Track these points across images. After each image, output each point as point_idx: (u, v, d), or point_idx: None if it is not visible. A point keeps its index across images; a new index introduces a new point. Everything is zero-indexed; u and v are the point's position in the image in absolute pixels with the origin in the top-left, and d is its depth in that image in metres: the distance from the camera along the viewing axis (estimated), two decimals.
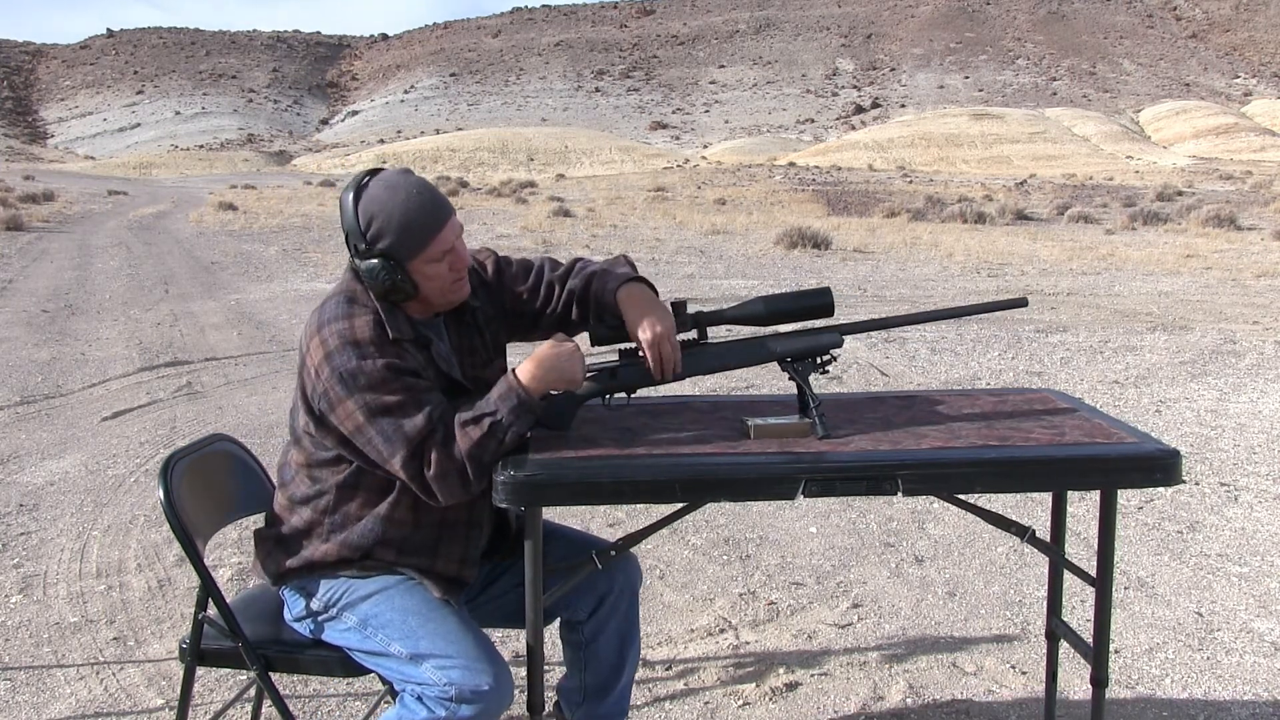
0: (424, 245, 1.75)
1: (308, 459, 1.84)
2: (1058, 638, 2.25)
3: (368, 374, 1.69)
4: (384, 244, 1.74)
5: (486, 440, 1.69)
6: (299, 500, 1.86)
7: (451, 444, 1.68)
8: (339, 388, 1.70)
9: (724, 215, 23.18)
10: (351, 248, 1.78)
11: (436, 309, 1.87)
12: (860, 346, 7.34)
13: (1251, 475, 4.52)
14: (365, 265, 1.76)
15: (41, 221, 20.84)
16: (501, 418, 1.70)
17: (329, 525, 1.84)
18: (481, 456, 1.69)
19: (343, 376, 1.70)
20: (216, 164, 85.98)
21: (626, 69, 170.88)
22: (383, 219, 1.74)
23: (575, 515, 3.82)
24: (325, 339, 1.74)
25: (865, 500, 4.10)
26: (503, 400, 1.72)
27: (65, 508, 4.07)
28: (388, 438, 1.69)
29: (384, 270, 1.74)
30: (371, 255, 1.74)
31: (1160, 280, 11.97)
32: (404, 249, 1.74)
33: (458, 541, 1.87)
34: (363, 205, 1.75)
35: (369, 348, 1.71)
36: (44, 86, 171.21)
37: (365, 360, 1.70)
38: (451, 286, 1.82)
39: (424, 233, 1.75)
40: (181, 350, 7.44)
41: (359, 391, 1.69)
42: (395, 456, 1.69)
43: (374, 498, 1.82)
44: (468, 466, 1.68)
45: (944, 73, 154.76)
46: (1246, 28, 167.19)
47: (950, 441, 1.82)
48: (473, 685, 1.69)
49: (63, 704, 2.59)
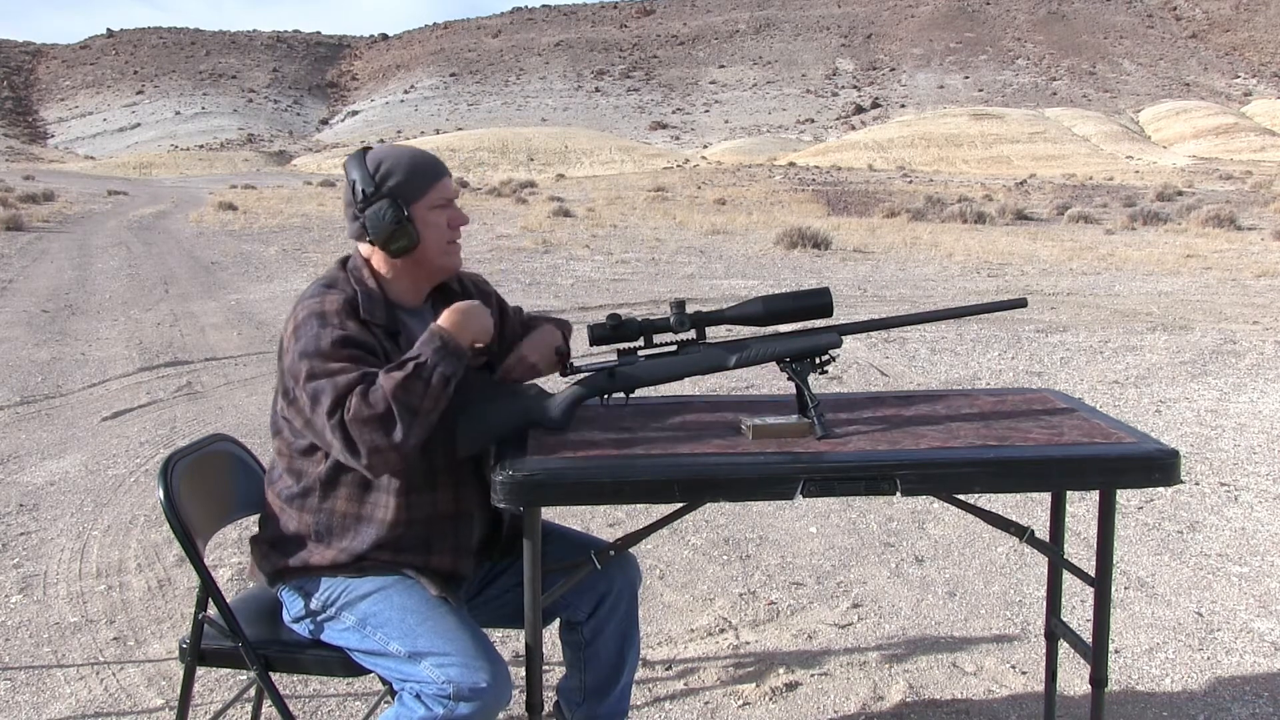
0: (429, 186, 1.83)
1: (288, 448, 1.86)
2: (1057, 638, 2.25)
3: (321, 341, 1.73)
4: (392, 182, 1.80)
5: (411, 381, 1.68)
6: (286, 499, 1.87)
7: (374, 390, 1.68)
8: (296, 357, 1.75)
9: (724, 215, 23.18)
10: (357, 200, 1.82)
11: (430, 277, 1.90)
12: (860, 346, 7.34)
13: (1251, 475, 4.52)
14: (372, 210, 1.80)
15: (41, 221, 20.83)
16: (425, 359, 1.70)
17: (319, 527, 1.84)
18: (409, 400, 1.67)
19: (301, 344, 1.75)
20: (216, 164, 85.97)
21: (626, 69, 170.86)
22: (391, 161, 1.83)
23: (575, 515, 3.82)
24: (297, 314, 1.80)
25: (865, 500, 4.10)
26: (425, 344, 1.74)
27: (65, 508, 4.07)
28: (321, 391, 1.70)
29: (391, 210, 1.79)
30: (379, 197, 1.80)
31: (1160, 280, 11.97)
32: (412, 188, 1.81)
33: (448, 533, 1.87)
34: (370, 156, 1.85)
35: (332, 318, 1.76)
36: (44, 86, 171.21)
37: (325, 329, 1.74)
38: (448, 247, 1.88)
39: (430, 174, 1.84)
40: (181, 350, 7.44)
41: (308, 359, 1.72)
42: (321, 408, 1.69)
43: (358, 492, 1.82)
44: (393, 408, 1.66)
45: (944, 73, 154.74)
46: (1246, 28, 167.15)
47: (949, 441, 1.82)
48: (470, 683, 1.70)
49: (63, 704, 2.59)
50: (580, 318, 8.59)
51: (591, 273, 12.30)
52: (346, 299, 1.79)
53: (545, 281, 11.38)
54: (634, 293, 10.46)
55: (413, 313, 1.90)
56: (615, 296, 10.15)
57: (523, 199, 30.06)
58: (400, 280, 1.87)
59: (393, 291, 1.88)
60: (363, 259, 1.89)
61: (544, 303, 9.63)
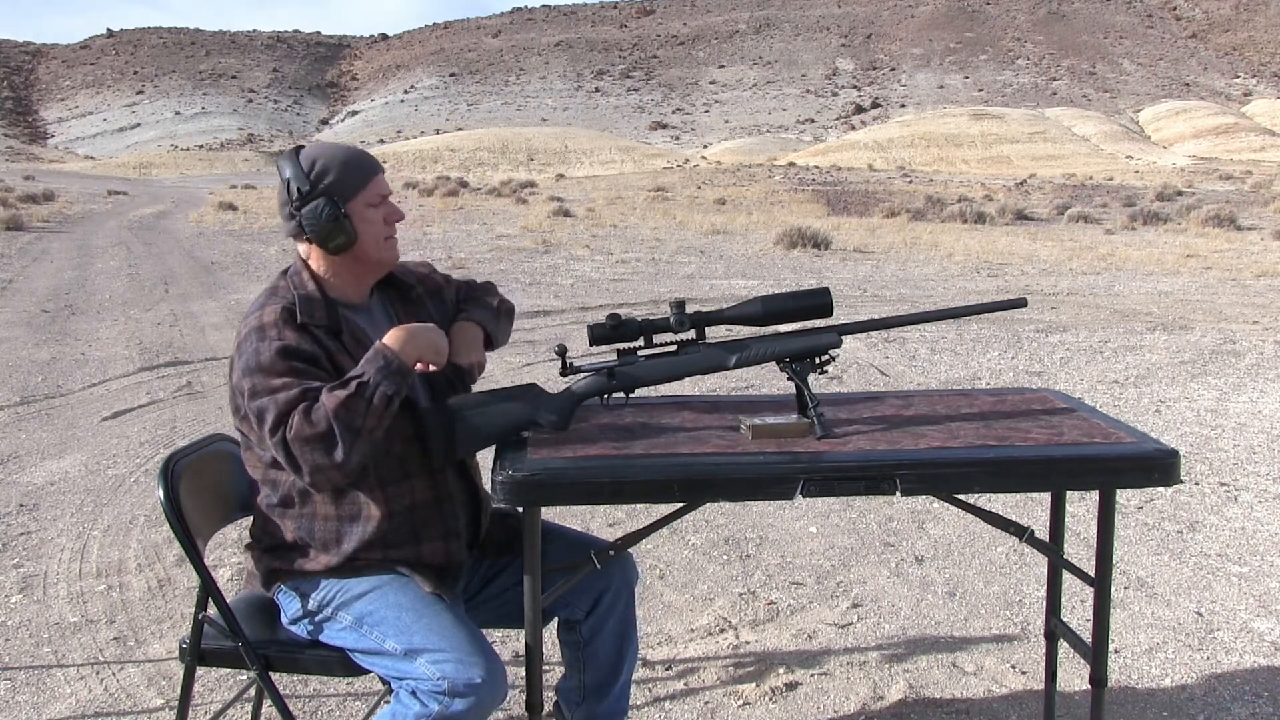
0: (364, 183, 1.84)
1: (258, 460, 1.86)
2: (1057, 637, 2.25)
3: (261, 356, 1.73)
4: (327, 180, 1.81)
5: (353, 401, 1.68)
6: (270, 507, 1.88)
7: (316, 409, 1.68)
8: (240, 374, 1.76)
9: (724, 215, 23.18)
10: (292, 199, 1.82)
11: (370, 272, 1.91)
12: (860, 346, 7.34)
13: (1251, 475, 4.52)
14: (308, 209, 1.81)
15: (41, 221, 20.84)
16: (368, 378, 1.70)
17: (303, 533, 1.85)
18: (350, 420, 1.67)
19: (243, 360, 1.76)
20: (216, 164, 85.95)
21: (626, 69, 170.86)
22: (326, 159, 1.83)
23: (575, 515, 3.82)
24: (240, 330, 1.81)
25: (865, 500, 4.10)
26: (369, 363, 1.73)
27: (65, 508, 4.07)
28: (264, 409, 1.70)
29: (327, 208, 1.80)
30: (315, 195, 1.81)
31: (1160, 280, 11.97)
32: (346, 185, 1.82)
33: (434, 520, 1.87)
34: (304, 154, 1.85)
35: (270, 330, 1.76)
36: (44, 86, 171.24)
37: (263, 343, 1.75)
38: (386, 243, 1.88)
39: (364, 172, 1.85)
40: (181, 350, 7.44)
41: (250, 375, 1.73)
42: (265, 426, 1.69)
43: (334, 496, 1.82)
44: (334, 427, 1.66)
45: (944, 73, 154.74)
46: (1246, 28, 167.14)
47: (949, 441, 1.82)
48: (466, 678, 1.70)
49: (63, 704, 2.59)
50: (580, 318, 8.59)
51: (591, 273, 12.30)
52: (284, 307, 1.79)
53: (545, 281, 11.39)
54: (634, 293, 10.46)
55: (357, 309, 1.91)
56: (615, 296, 10.15)
57: (523, 199, 30.06)
58: (340, 277, 1.88)
59: (334, 289, 1.88)
60: (301, 261, 1.89)
61: (544, 303, 9.63)
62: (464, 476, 1.97)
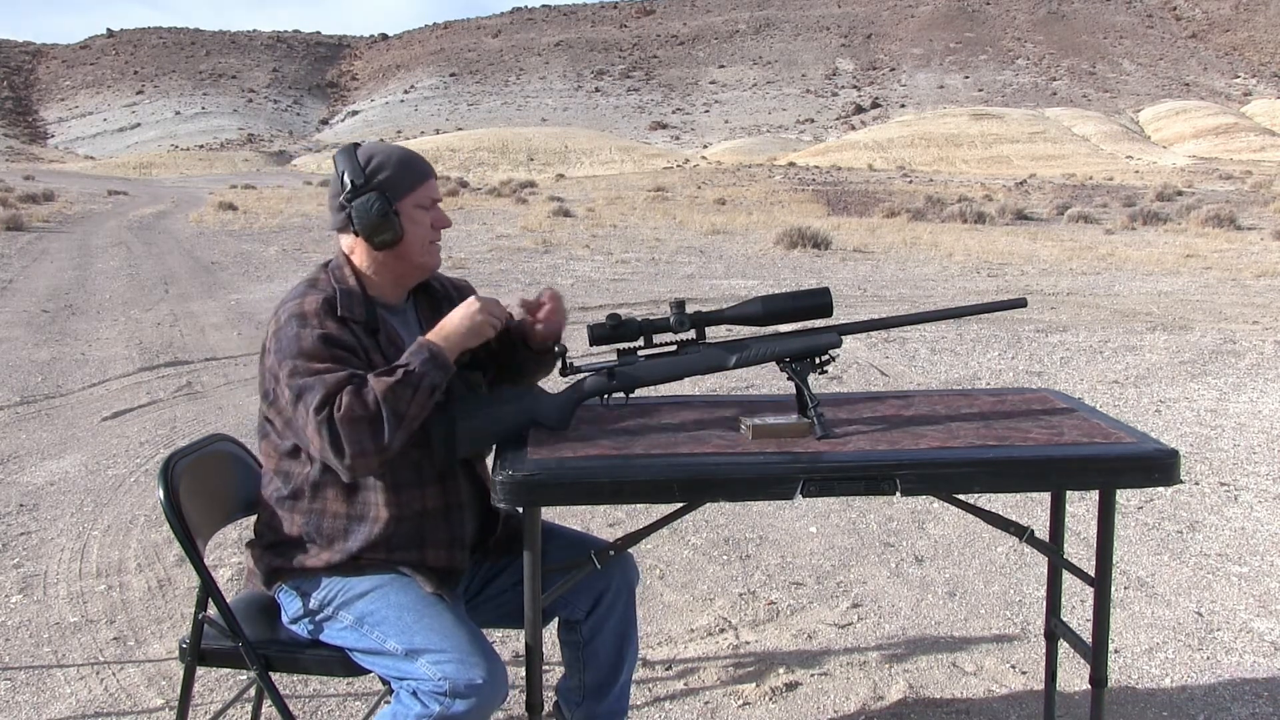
0: (417, 184, 1.87)
1: (275, 451, 1.87)
2: (1057, 637, 2.25)
3: (303, 342, 1.74)
4: (382, 176, 1.83)
5: (400, 387, 1.70)
6: (277, 502, 1.88)
7: (366, 391, 1.69)
8: (277, 357, 1.76)
9: (724, 215, 23.18)
10: (344, 191, 1.83)
11: (410, 275, 1.92)
12: (860, 346, 7.34)
13: (1251, 475, 4.52)
14: (359, 202, 1.82)
15: (41, 221, 20.83)
16: (414, 368, 1.72)
17: (310, 528, 1.85)
18: (397, 405, 1.69)
19: (282, 347, 1.76)
20: (216, 164, 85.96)
21: (626, 69, 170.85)
22: (382, 156, 1.86)
23: (575, 515, 3.82)
24: (279, 316, 1.81)
25: (865, 500, 4.10)
26: (414, 355, 1.75)
27: (65, 508, 4.07)
28: (308, 388, 1.71)
29: (378, 203, 1.82)
30: (368, 189, 1.82)
31: (1160, 280, 11.97)
32: (400, 183, 1.85)
33: (441, 528, 1.88)
34: (362, 150, 1.87)
35: (312, 319, 1.77)
36: (44, 86, 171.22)
37: (305, 329, 1.76)
38: (429, 247, 1.90)
39: (418, 173, 1.88)
40: (181, 350, 7.44)
41: (291, 358, 1.74)
42: (310, 406, 1.69)
43: (347, 493, 1.83)
44: (383, 411, 1.68)
45: (944, 73, 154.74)
46: (1246, 28, 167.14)
47: (948, 441, 1.82)
48: (467, 679, 1.70)
49: (63, 704, 2.59)
50: (580, 318, 8.59)
51: (591, 273, 12.30)
52: (326, 298, 1.81)
53: (545, 281, 11.38)
54: (634, 293, 10.46)
55: (393, 310, 1.92)
56: (615, 296, 10.15)
57: (523, 199, 30.06)
58: (381, 276, 1.89)
59: (373, 288, 1.89)
60: (344, 256, 1.90)
61: None
62: (476, 484, 1.97)
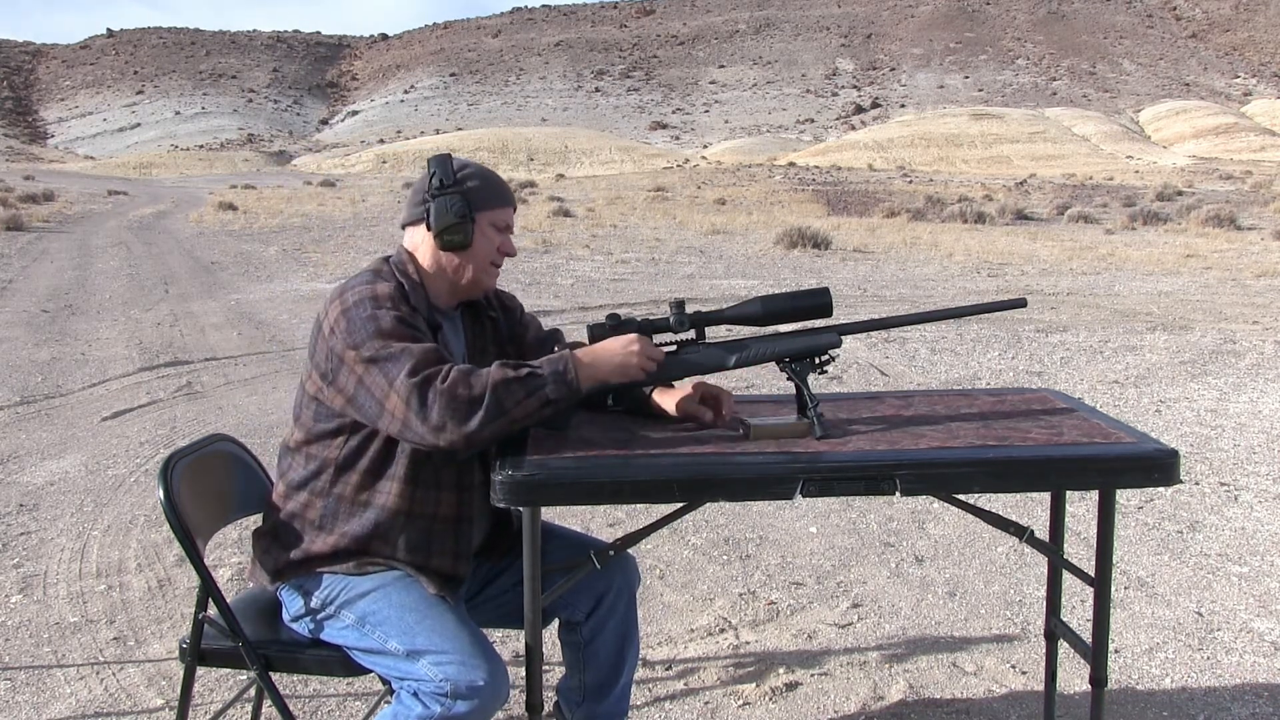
0: (498, 205, 1.92)
1: (307, 434, 1.86)
2: (1057, 637, 2.25)
3: (380, 321, 1.74)
4: (470, 185, 1.88)
5: (517, 385, 1.67)
6: (295, 485, 1.87)
7: (478, 374, 1.67)
8: (350, 336, 1.74)
9: (724, 215, 23.18)
10: (430, 188, 1.86)
11: (463, 289, 1.93)
12: (860, 346, 7.34)
13: (1251, 475, 4.52)
14: (442, 199, 1.86)
15: (41, 221, 20.84)
16: (544, 374, 1.70)
17: (325, 510, 1.84)
18: (504, 399, 1.65)
19: (354, 325, 1.74)
20: (216, 164, 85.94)
21: (626, 69, 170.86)
22: (475, 169, 1.92)
23: (575, 515, 3.82)
24: (345, 298, 1.79)
25: (865, 500, 4.10)
26: (550, 362, 1.73)
27: (65, 508, 4.07)
28: (393, 357, 1.69)
29: (459, 204, 1.85)
30: (453, 190, 1.86)
31: (1160, 280, 11.97)
32: (484, 197, 1.89)
33: (449, 536, 1.87)
34: (457, 159, 1.92)
35: (385, 302, 1.77)
36: (44, 86, 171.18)
37: (380, 310, 1.75)
38: (490, 268, 1.93)
39: (502, 197, 1.94)
40: (181, 350, 7.44)
41: (369, 338, 1.72)
42: (399, 373, 1.67)
43: (369, 480, 1.82)
44: (487, 396, 1.65)
45: (944, 73, 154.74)
46: (1246, 28, 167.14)
47: (948, 441, 1.82)
48: (468, 680, 1.70)
49: (63, 704, 2.59)
50: (580, 318, 8.59)
51: (591, 273, 12.30)
52: (397, 284, 1.83)
53: (545, 281, 11.39)
54: (634, 293, 10.46)
55: (445, 315, 1.94)
56: (615, 296, 10.15)
57: (522, 199, 30.06)
58: (439, 279, 1.91)
59: (430, 289, 1.91)
60: (407, 253, 1.92)
61: (544, 303, 9.63)
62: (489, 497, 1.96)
